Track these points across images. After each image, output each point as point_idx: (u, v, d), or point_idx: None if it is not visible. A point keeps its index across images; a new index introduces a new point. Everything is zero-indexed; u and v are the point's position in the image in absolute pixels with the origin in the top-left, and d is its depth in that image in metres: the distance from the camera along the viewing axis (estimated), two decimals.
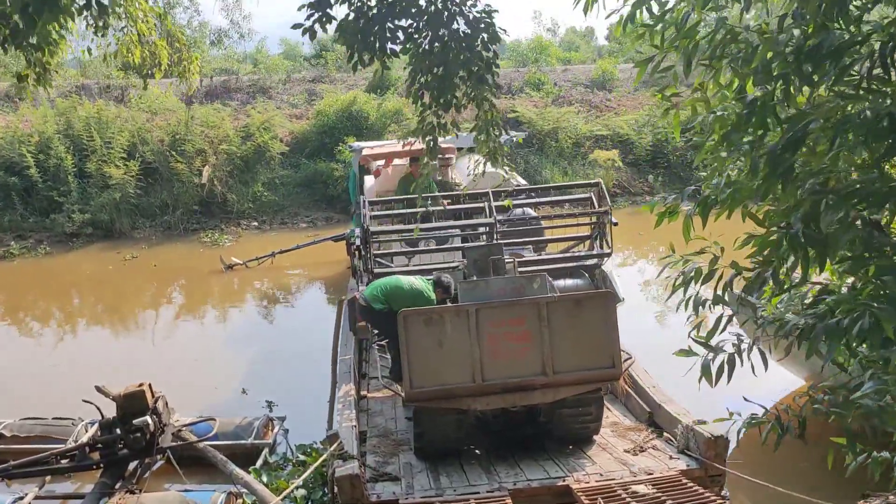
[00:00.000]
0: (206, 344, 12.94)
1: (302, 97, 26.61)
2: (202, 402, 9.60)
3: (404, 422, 8.40)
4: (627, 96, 26.75)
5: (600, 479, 6.36)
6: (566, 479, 6.39)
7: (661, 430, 7.46)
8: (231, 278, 16.82)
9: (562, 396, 6.90)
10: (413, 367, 6.72)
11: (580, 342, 6.82)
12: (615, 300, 6.85)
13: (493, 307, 6.78)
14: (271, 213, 20.90)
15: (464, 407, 6.88)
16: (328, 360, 12.05)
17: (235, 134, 21.55)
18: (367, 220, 8.74)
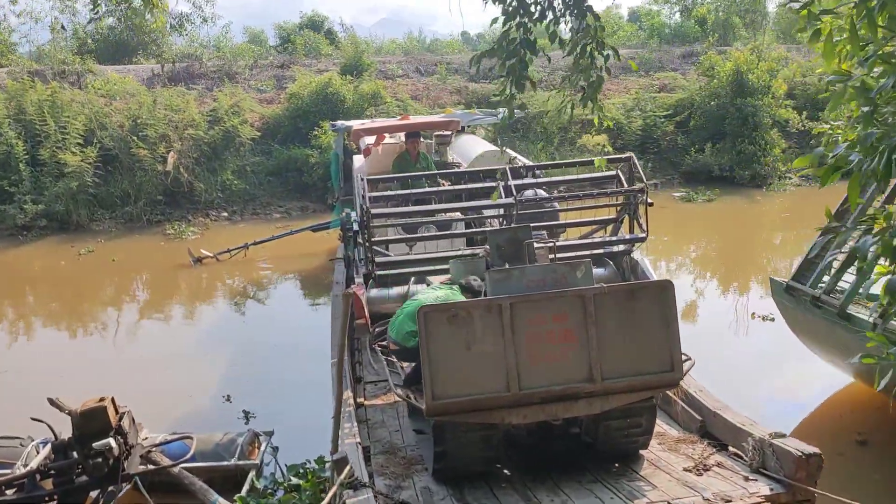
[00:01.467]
0: (176, 346, 11.61)
1: (270, 83, 25.24)
2: (175, 415, 8.36)
3: (412, 435, 7.25)
4: (613, 80, 25.76)
5: None
6: None
7: (719, 442, 6.40)
8: (199, 273, 15.48)
9: (611, 407, 5.78)
10: (436, 374, 5.54)
11: (633, 341, 5.70)
12: (674, 291, 5.74)
13: (531, 301, 5.62)
14: (242, 202, 19.53)
15: (496, 421, 5.73)
16: (315, 362, 10.87)
17: (202, 118, 20.12)
18: (365, 200, 7.53)
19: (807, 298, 7.71)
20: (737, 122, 21.53)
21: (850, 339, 7.24)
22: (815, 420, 8.16)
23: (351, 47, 26.95)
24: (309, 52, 30.17)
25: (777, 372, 9.41)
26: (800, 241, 17.30)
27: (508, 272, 5.76)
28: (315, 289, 14.60)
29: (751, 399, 8.29)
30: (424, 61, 28.66)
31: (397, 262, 7.98)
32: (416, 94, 23.69)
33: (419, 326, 5.53)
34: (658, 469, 6.00)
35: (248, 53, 28.86)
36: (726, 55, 23.65)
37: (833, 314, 7.33)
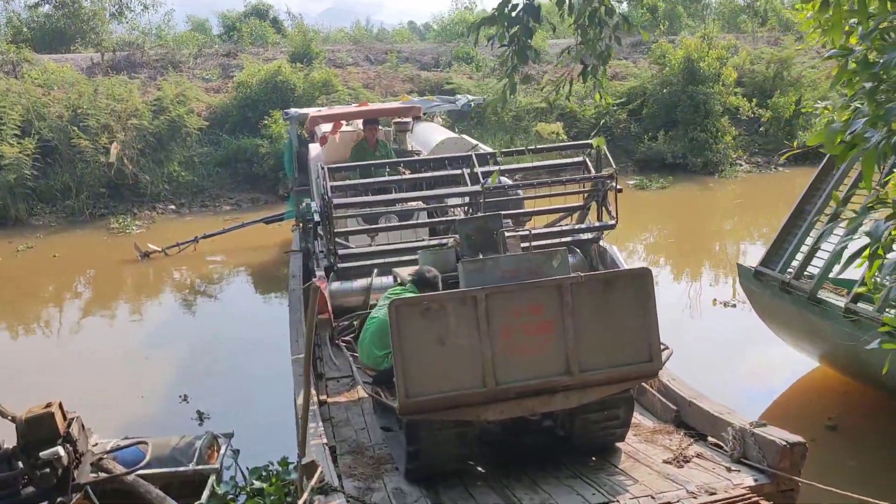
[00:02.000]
0: (124, 345, 11.10)
1: (216, 72, 24.54)
2: (127, 419, 7.93)
3: (379, 433, 6.98)
4: (565, 69, 25.65)
5: (653, 502, 5.08)
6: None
7: (695, 432, 6.28)
8: (146, 268, 14.90)
9: (589, 400, 5.60)
10: (409, 370, 5.28)
11: (611, 332, 5.52)
12: (652, 279, 5.57)
13: (507, 292, 5.39)
14: (190, 195, 18.91)
15: (472, 418, 5.50)
16: (272, 359, 10.51)
17: (146, 107, 19.40)
18: (327, 190, 7.19)
19: (776, 284, 7.64)
20: (689, 109, 21.65)
21: (821, 324, 7.20)
22: (784, 406, 8.13)
23: (299, 35, 26.38)
24: (255, 41, 29.47)
25: (742, 359, 9.37)
26: (755, 226, 17.49)
27: (482, 262, 5.52)
28: (268, 283, 14.19)
29: (716, 387, 8.17)
30: (374, 49, 28.24)
31: (360, 254, 7.67)
32: (368, 82, 23.28)
33: (390, 321, 5.26)
34: (637, 462, 5.84)
35: (192, 42, 28.03)
36: (677, 43, 23.78)
37: (803, 299, 7.28)
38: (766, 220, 17.86)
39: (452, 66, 26.28)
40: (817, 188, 7.82)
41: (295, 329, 9.22)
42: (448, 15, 36.39)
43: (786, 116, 22.11)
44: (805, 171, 21.45)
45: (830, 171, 7.79)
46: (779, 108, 21.90)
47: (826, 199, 7.53)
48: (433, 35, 35.81)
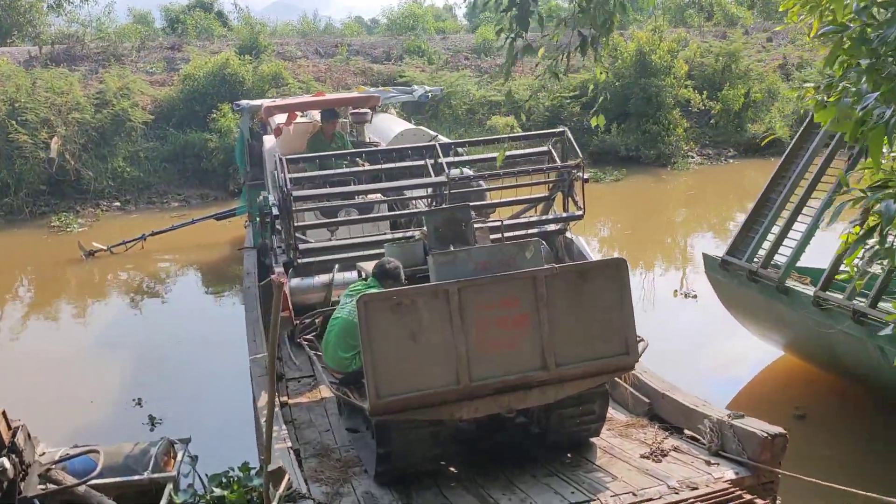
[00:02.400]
0: (70, 348, 10.60)
1: (160, 65, 23.80)
2: (76, 426, 7.52)
3: (345, 434, 6.73)
4: (518, 61, 25.56)
5: (635, 499, 4.93)
6: (592, 503, 4.93)
7: (669, 424, 6.18)
8: (91, 268, 14.31)
9: (566, 395, 5.44)
10: (379, 369, 5.05)
11: (587, 324, 5.37)
12: (628, 269, 5.42)
13: (480, 284, 5.20)
14: (136, 191, 18.26)
15: (446, 416, 5.29)
16: (227, 359, 10.13)
17: (88, 101, 18.68)
18: (286, 182, 6.88)
19: (743, 273, 7.59)
20: (641, 102, 21.74)
21: (789, 313, 7.17)
22: (749, 396, 8.10)
23: (246, 28, 25.76)
24: (201, 34, 28.72)
25: (706, 349, 9.35)
26: (708, 217, 17.63)
27: (453, 255, 5.31)
28: (219, 280, 13.76)
29: (680, 378, 8.12)
30: (324, 43, 27.74)
31: (322, 249, 7.38)
32: (319, 75, 22.83)
33: (359, 317, 5.01)
34: (614, 457, 5.70)
35: (135, 34, 27.12)
36: (628, 36, 23.87)
37: (771, 288, 7.23)
38: (718, 211, 18.05)
39: (404, 59, 25.99)
40: (782, 176, 7.80)
41: (252, 328, 8.88)
42: (398, 8, 36.08)
43: (735, 109, 22.35)
44: (754, 162, 21.83)
45: (795, 160, 7.77)
46: (728, 100, 22.13)
47: (793, 185, 7.50)
48: (382, 29, 35.45)
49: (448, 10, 43.67)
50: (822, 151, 7.58)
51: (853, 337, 6.39)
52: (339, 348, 5.60)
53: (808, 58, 26.24)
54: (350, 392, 5.67)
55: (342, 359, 5.59)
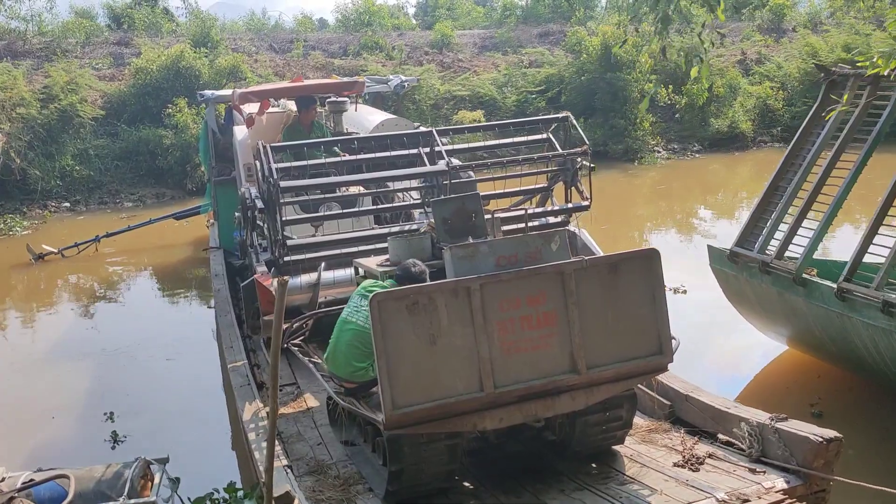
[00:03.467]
0: (20, 359, 9.77)
1: (107, 60, 22.72)
2: (37, 446, 6.80)
3: (339, 447, 6.16)
4: (480, 56, 25.21)
5: None
6: None
7: (694, 428, 5.75)
8: (40, 272, 13.40)
9: (596, 400, 4.96)
10: (395, 377, 4.50)
11: (618, 322, 4.90)
12: (660, 260, 4.97)
13: (503, 281, 4.68)
14: (86, 191, 17.29)
15: (468, 428, 4.76)
16: (196, 367, 9.45)
17: (33, 96, 17.63)
18: (272, 172, 6.26)
19: (755, 265, 7.22)
20: (607, 96, 21.49)
21: (806, 306, 6.81)
22: (757, 393, 7.74)
23: (196, 22, 24.78)
24: (149, 28, 27.59)
25: (704, 345, 8.96)
26: (684, 210, 17.39)
27: (474, 248, 4.78)
28: (177, 284, 13.00)
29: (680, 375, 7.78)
30: (278, 39, 26.92)
31: (311, 245, 6.78)
32: (277, 70, 22.05)
33: (372, 318, 4.45)
34: (644, 467, 5.24)
35: (79, 29, 25.86)
36: (592, 30, 23.63)
37: (786, 280, 6.87)
38: (691, 205, 17.84)
39: (361, 54, 25.34)
40: (791, 164, 7.45)
41: (227, 333, 8.24)
42: (352, 5, 35.35)
43: (699, 104, 22.25)
44: (718, 157, 21.76)
45: (803, 148, 7.43)
46: (693, 94, 22.01)
47: (803, 175, 7.16)
48: (333, 27, 34.63)
49: (399, 9, 43.16)
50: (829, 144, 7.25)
51: (881, 329, 6.05)
52: (353, 357, 5.00)
53: (765, 53, 26.36)
54: (357, 403, 5.10)
55: (357, 369, 5.00)
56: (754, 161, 21.49)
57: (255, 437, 5.91)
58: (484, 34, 28.39)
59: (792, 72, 23.83)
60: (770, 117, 22.90)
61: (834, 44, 23.42)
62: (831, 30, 25.34)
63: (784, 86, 23.61)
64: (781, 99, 23.06)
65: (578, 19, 26.85)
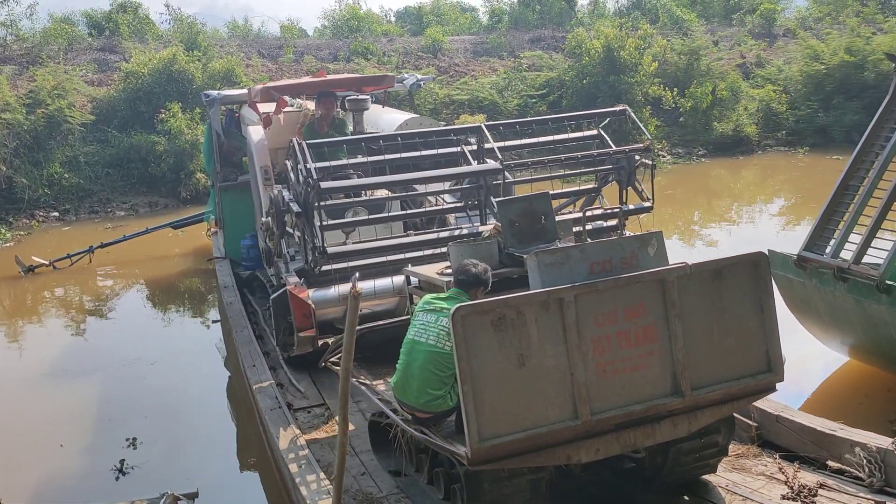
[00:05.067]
0: (15, 379, 9.00)
1: (91, 67, 21.89)
2: (48, 479, 6.06)
3: (385, 477, 5.51)
4: (475, 61, 24.67)
5: None
6: None
7: (788, 452, 5.17)
8: (23, 287, 12.58)
9: (700, 425, 4.36)
10: (482, 404, 3.87)
11: (724, 337, 4.31)
12: (769, 266, 4.39)
13: (599, 290, 4.07)
14: (76, 199, 16.45)
15: (562, 461, 4.14)
16: (208, 389, 8.76)
17: (18, 102, 16.82)
18: (311, 172, 5.61)
19: (827, 271, 6.66)
20: (610, 100, 20.96)
21: (889, 314, 6.26)
22: (826, 409, 7.12)
23: (184, 27, 23.98)
24: (133, 34, 26.76)
25: None
26: (702, 215, 16.88)
27: (564, 253, 4.16)
28: (172, 297, 12.29)
29: None
30: (266, 45, 26.20)
31: (351, 254, 6.13)
32: (272, 75, 21.34)
33: (455, 336, 3.82)
34: (749, 500, 4.64)
35: (61, 35, 24.93)
36: (593, 32, 23.16)
37: (866, 287, 6.31)
38: (707, 210, 17.36)
39: (352, 60, 24.72)
40: (862, 161, 6.91)
41: (247, 351, 7.58)
42: (339, 10, 34.74)
43: (703, 107, 21.82)
44: (723, 161, 21.33)
45: (876, 143, 6.90)
46: (697, 97, 21.57)
47: (879, 174, 6.61)
48: (316, 35, 33.95)
49: (384, 16, 42.62)
50: None
51: None
52: (429, 384, 4.33)
53: (764, 56, 26.06)
54: (428, 432, 4.46)
55: (434, 397, 4.34)
56: (760, 165, 21.09)
57: (297, 468, 5.25)
58: (474, 40, 27.89)
59: (794, 75, 23.49)
60: (774, 121, 22.50)
61: (836, 46, 23.07)
62: (832, 32, 25.02)
63: (786, 89, 23.24)
64: (784, 102, 22.68)
65: (579, 20, 26.38)
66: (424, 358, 4.33)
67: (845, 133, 21.12)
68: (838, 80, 22.31)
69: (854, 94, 21.93)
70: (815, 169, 19.40)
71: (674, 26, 29.36)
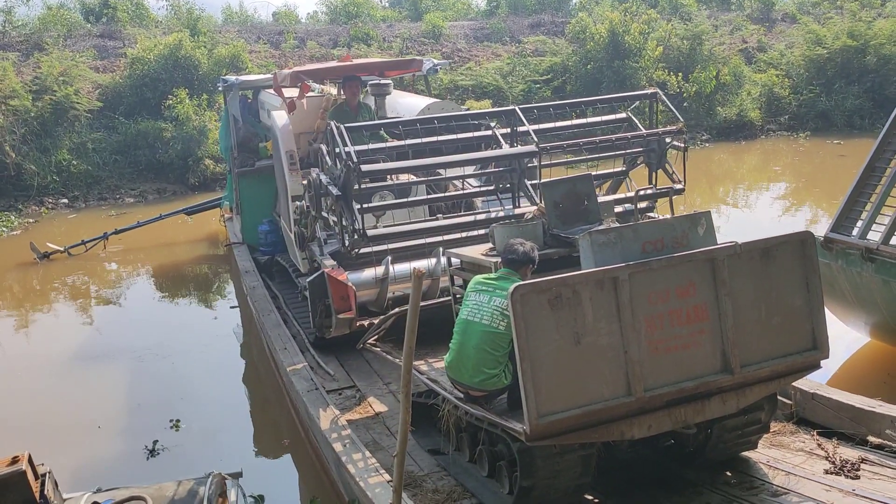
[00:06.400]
0: (45, 363, 9.04)
1: (91, 53, 21.76)
2: (86, 461, 6.11)
3: (425, 457, 5.60)
4: (478, 46, 24.63)
5: None
6: None
7: (824, 429, 5.26)
8: (33, 273, 12.57)
9: (749, 402, 4.44)
10: (540, 382, 3.94)
11: (772, 315, 4.38)
12: (816, 245, 4.46)
13: (653, 269, 4.14)
14: (84, 186, 16.43)
15: (615, 437, 4.21)
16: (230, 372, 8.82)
17: (24, 88, 16.75)
18: (350, 155, 5.65)
19: (855, 252, 6.74)
20: (614, 85, 21.00)
21: None
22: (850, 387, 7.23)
23: (181, 12, 23.81)
24: (132, 20, 26.60)
25: None
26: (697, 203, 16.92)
27: (618, 232, 4.22)
28: (186, 283, 12.34)
29: None
30: (266, 31, 26.07)
31: (390, 236, 6.18)
32: (276, 60, 21.27)
33: (514, 315, 3.88)
34: (791, 475, 4.73)
35: (59, 22, 24.71)
36: (596, 17, 23.14)
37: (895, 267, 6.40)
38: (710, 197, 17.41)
39: (353, 45, 24.65)
40: (889, 142, 6.98)
41: (276, 334, 7.64)
42: None
43: (707, 92, 21.85)
44: (727, 146, 21.38)
45: None
46: (701, 82, 21.60)
47: None
48: (308, 21, 33.75)
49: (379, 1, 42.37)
50: None
51: None
52: (484, 363, 4.39)
53: (765, 41, 26.09)
54: (484, 409, 4.52)
55: (489, 376, 4.40)
56: (762, 150, 21.13)
57: (342, 448, 5.32)
58: (474, 25, 27.82)
59: (796, 59, 23.53)
60: (777, 105, 22.55)
61: (838, 30, 23.10)
62: (833, 17, 25.05)
63: (789, 73, 23.28)
64: (787, 87, 22.72)
65: (582, 5, 26.31)
66: (479, 338, 4.40)
67: (846, 118, 21.23)
68: (840, 65, 22.37)
69: (855, 78, 22.01)
70: (816, 154, 19.48)
71: (673, 12, 29.39)
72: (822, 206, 14.34)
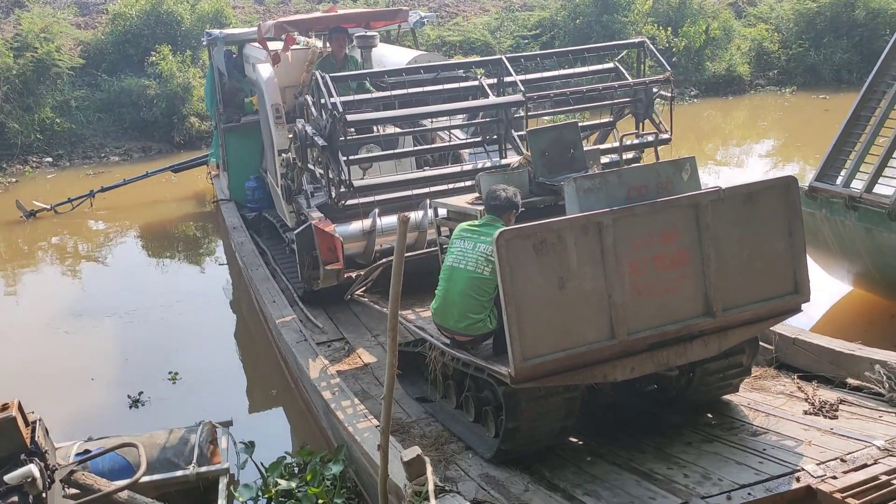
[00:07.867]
0: (35, 321, 9.06)
1: (72, 10, 21.39)
2: (78, 411, 6.18)
3: (412, 404, 5.69)
4: (466, 1, 24.33)
5: (846, 466, 4.05)
6: (797, 475, 4.04)
7: (804, 373, 5.37)
8: (20, 232, 12.51)
9: (730, 345, 4.52)
10: (524, 326, 3.99)
11: (753, 259, 4.44)
12: (799, 190, 4.50)
13: (637, 214, 4.17)
14: (68, 145, 16.24)
15: (598, 379, 4.29)
16: (220, 326, 8.88)
17: (5, 45, 16.48)
18: (336, 105, 5.62)
19: (839, 200, 6.80)
20: (602, 40, 20.77)
21: None
22: (834, 333, 7.37)
23: None
24: None
25: None
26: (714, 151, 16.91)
27: (602, 178, 4.25)
28: (173, 241, 12.32)
29: None
30: None
31: (376, 187, 6.18)
32: (261, 16, 20.94)
33: (499, 260, 3.93)
34: (772, 416, 4.83)
35: None
36: None
37: (878, 216, 6.46)
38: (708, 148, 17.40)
39: (339, 1, 24.30)
40: (874, 91, 6.99)
41: (265, 288, 7.68)
42: None
43: (696, 46, 21.71)
44: (715, 102, 21.32)
45: (890, 72, 6.97)
46: (691, 36, 21.44)
47: (892, 102, 6.70)
48: None
49: None
50: None
51: None
52: (469, 308, 4.45)
53: None
54: (468, 354, 4.59)
55: (474, 321, 4.45)
56: (750, 105, 21.09)
57: (331, 395, 5.40)
58: None
59: (785, 13, 23.36)
60: (766, 60, 22.45)
61: None
62: None
63: (778, 28, 23.14)
64: (777, 41, 22.60)
65: None
66: (464, 284, 4.44)
67: (834, 72, 21.17)
68: (829, 19, 22.23)
69: (843, 32, 21.90)
70: (802, 109, 19.45)
71: None
72: (808, 162, 14.39)
